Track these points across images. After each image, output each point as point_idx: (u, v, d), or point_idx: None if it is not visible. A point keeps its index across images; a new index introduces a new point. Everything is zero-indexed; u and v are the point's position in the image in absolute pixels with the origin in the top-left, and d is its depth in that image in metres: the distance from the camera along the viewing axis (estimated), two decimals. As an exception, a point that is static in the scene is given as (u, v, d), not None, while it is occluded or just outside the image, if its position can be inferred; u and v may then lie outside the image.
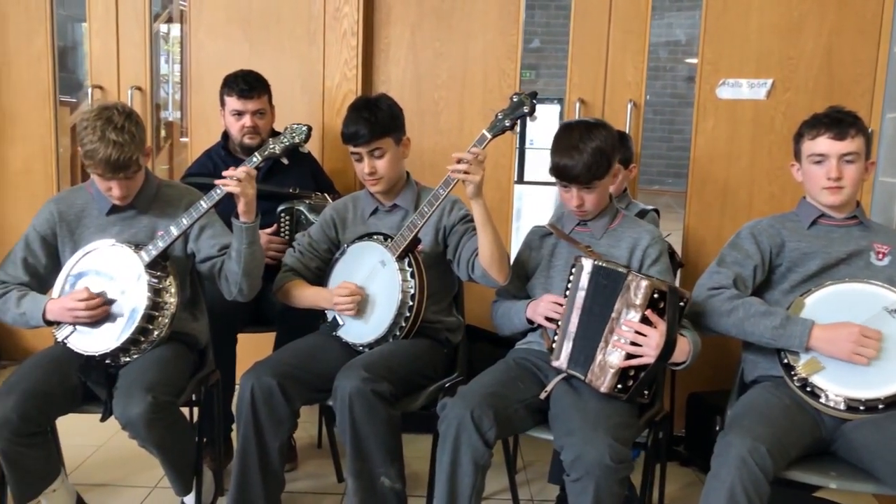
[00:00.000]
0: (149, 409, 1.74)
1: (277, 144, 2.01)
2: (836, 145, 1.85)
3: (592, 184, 1.93)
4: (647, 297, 1.71)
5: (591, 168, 1.89)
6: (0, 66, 3.39)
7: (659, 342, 1.70)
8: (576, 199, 1.95)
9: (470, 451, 1.71)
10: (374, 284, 2.07)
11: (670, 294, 1.71)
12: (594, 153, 1.90)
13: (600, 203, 1.99)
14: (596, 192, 1.95)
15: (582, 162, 1.88)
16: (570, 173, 1.90)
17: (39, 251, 2.02)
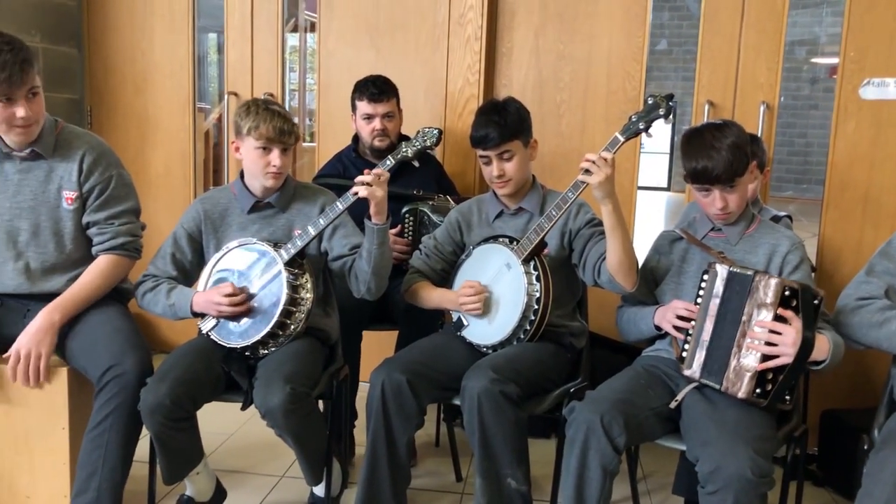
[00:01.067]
0: (287, 399, 1.81)
1: (410, 147, 2.05)
2: None
3: (734, 181, 1.86)
4: (777, 294, 1.66)
5: (732, 165, 1.83)
6: (146, 76, 3.64)
7: (795, 339, 1.63)
8: (718, 200, 1.88)
9: (598, 456, 1.69)
10: (500, 287, 2.08)
11: (802, 292, 1.64)
12: (731, 149, 1.84)
13: (742, 203, 1.92)
14: (738, 192, 1.88)
15: (721, 160, 1.83)
16: (710, 174, 1.85)
17: (186, 247, 2.16)
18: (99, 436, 1.88)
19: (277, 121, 2.05)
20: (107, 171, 2.07)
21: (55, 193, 2.04)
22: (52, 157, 2.04)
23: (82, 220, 2.07)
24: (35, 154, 2.02)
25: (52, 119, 2.06)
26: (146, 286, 2.11)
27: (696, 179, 1.89)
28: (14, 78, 1.84)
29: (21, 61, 1.85)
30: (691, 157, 1.89)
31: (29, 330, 1.94)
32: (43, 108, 1.98)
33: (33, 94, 1.92)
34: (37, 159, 2.03)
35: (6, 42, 1.86)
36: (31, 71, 1.88)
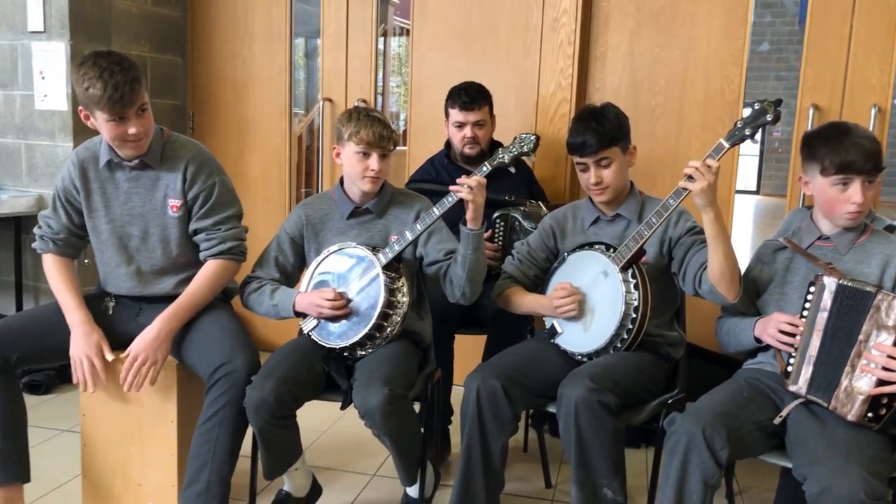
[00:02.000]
0: (386, 400, 1.85)
1: (507, 154, 2.06)
2: None
3: (875, 174, 1.80)
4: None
5: (875, 155, 1.78)
6: (246, 83, 3.79)
7: None
8: (860, 194, 1.80)
9: (700, 470, 1.66)
10: (596, 294, 2.07)
11: (933, 317, 1.55)
12: (874, 141, 1.79)
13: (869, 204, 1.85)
14: (873, 189, 1.81)
15: (867, 148, 1.78)
16: (857, 164, 1.78)
17: (289, 251, 2.23)
18: (209, 430, 1.97)
19: (377, 127, 2.10)
20: (209, 178, 2.15)
21: (161, 201, 2.14)
22: (159, 166, 2.13)
23: (189, 228, 2.17)
24: (143, 164, 2.12)
25: (158, 128, 2.15)
26: (251, 287, 2.19)
27: (843, 169, 1.80)
28: (126, 98, 1.93)
29: (131, 80, 1.93)
30: (833, 149, 1.81)
31: (146, 336, 2.04)
32: (151, 122, 2.07)
33: (142, 111, 2.00)
34: (145, 169, 2.13)
35: (117, 62, 1.95)
36: (140, 89, 1.97)
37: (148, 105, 2.03)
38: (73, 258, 2.23)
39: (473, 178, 1.99)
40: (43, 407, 3.05)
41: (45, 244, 2.19)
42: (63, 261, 2.19)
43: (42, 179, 3.54)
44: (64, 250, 2.20)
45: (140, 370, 2.02)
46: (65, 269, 2.18)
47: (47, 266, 2.19)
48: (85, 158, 2.14)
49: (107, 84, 1.91)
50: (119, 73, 1.93)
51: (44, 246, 2.19)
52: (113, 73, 1.92)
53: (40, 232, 2.20)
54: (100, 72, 1.92)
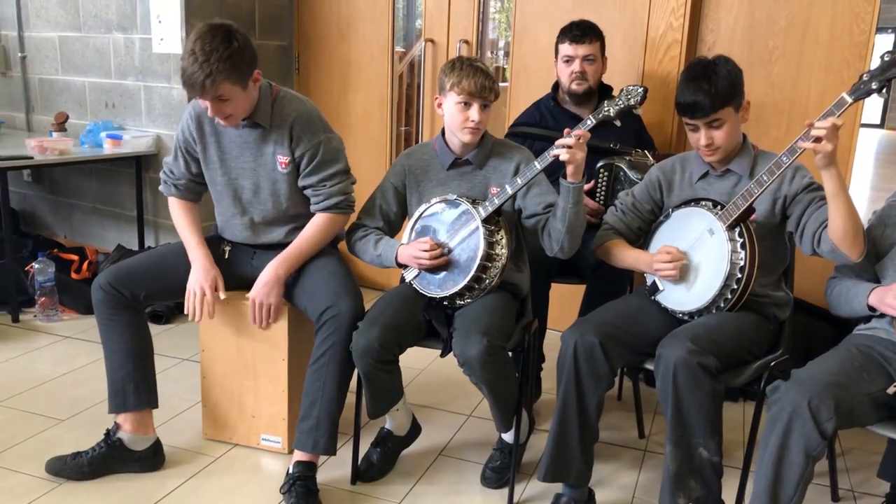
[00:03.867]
0: (484, 351, 1.90)
1: (612, 107, 2.01)
2: None
3: None
4: None
5: None
6: (350, 22, 3.81)
7: None
8: None
9: (802, 440, 1.63)
10: (700, 252, 2.02)
11: None
12: None
13: None
14: None
15: None
16: None
17: (392, 200, 2.28)
18: (318, 369, 2.09)
19: (480, 77, 2.08)
20: (315, 137, 2.21)
21: (271, 157, 2.22)
22: (268, 124, 2.19)
23: (298, 184, 2.25)
24: (253, 122, 2.19)
25: (267, 83, 2.20)
26: (357, 235, 2.26)
27: None
28: (196, 87, 1.98)
29: (210, 72, 1.95)
30: None
31: (259, 282, 2.18)
32: (238, 107, 2.08)
33: (221, 100, 2.03)
34: (255, 127, 2.20)
35: (211, 49, 1.95)
36: (218, 83, 1.97)
37: (231, 96, 2.04)
38: (195, 202, 2.38)
39: (573, 134, 1.95)
40: (164, 336, 3.30)
41: (168, 188, 2.35)
42: (186, 204, 2.35)
43: (160, 120, 3.73)
44: (185, 195, 2.35)
45: (260, 315, 2.19)
46: (188, 211, 2.34)
47: (172, 208, 2.35)
48: (201, 112, 2.22)
49: (186, 69, 1.98)
50: (203, 63, 1.95)
51: (167, 190, 2.36)
52: (196, 60, 1.96)
53: (164, 177, 2.36)
54: (190, 51, 1.97)
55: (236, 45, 2.01)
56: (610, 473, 2.36)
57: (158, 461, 2.25)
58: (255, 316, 2.21)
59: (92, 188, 4.10)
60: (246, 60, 2.05)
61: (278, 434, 2.35)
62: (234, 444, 2.41)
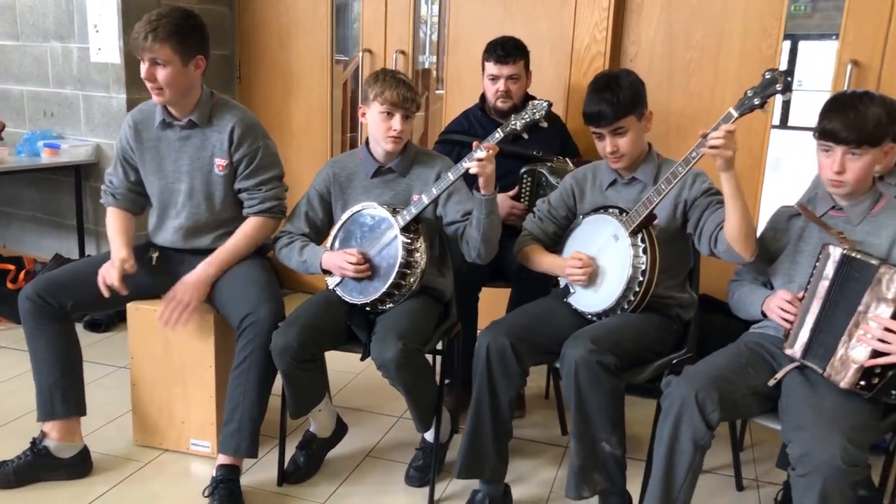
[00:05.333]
0: (399, 354, 1.98)
1: (518, 121, 2.10)
2: None
3: (862, 146, 1.77)
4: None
5: (868, 127, 1.76)
6: (290, 31, 3.87)
7: None
8: (837, 164, 1.80)
9: (690, 431, 1.74)
10: (606, 257, 2.13)
11: (929, 293, 1.57)
12: (876, 116, 1.76)
13: (862, 179, 1.83)
14: (861, 163, 1.79)
15: (860, 120, 1.76)
16: (838, 133, 1.78)
17: (318, 207, 2.35)
18: (240, 375, 2.15)
19: (402, 88, 2.17)
20: (255, 142, 2.30)
21: (208, 160, 2.30)
22: (207, 126, 2.28)
23: (234, 187, 2.33)
24: (192, 123, 2.28)
25: (209, 91, 2.31)
26: (283, 242, 2.33)
27: (824, 135, 1.82)
28: (138, 39, 2.10)
29: (154, 29, 2.09)
30: (824, 113, 1.82)
31: (188, 279, 2.23)
32: (173, 79, 2.15)
33: (158, 64, 2.13)
34: (193, 128, 2.28)
35: (164, 15, 2.13)
36: (158, 42, 2.09)
37: (169, 62, 2.13)
38: (134, 213, 2.44)
39: (484, 147, 2.04)
40: (102, 345, 3.32)
41: (107, 198, 2.43)
42: (121, 213, 2.40)
43: (99, 129, 3.74)
44: (124, 204, 2.41)
45: (177, 309, 2.20)
46: (121, 220, 2.39)
47: (108, 218, 2.41)
48: (139, 120, 2.33)
49: (137, 26, 2.12)
50: (153, 21, 2.11)
51: (107, 199, 2.43)
52: (149, 20, 2.11)
53: (104, 187, 2.43)
54: (148, 14, 2.13)
55: (191, 22, 2.17)
56: (531, 469, 2.45)
57: (86, 468, 2.28)
58: (167, 313, 2.18)
59: (31, 197, 4.09)
60: (194, 38, 2.18)
61: (207, 439, 2.40)
62: (165, 449, 2.45)
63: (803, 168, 2.38)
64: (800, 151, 9.78)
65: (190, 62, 2.17)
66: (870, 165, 1.83)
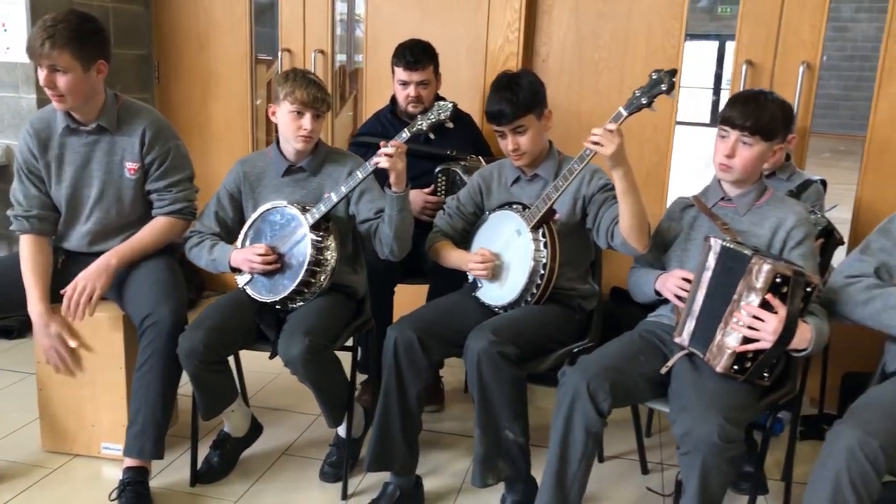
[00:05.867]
0: (306, 350, 2.00)
1: (425, 121, 2.15)
2: None
3: (754, 137, 1.89)
4: (768, 281, 1.69)
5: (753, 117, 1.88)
6: (208, 32, 3.83)
7: (777, 328, 1.68)
8: (729, 148, 1.92)
9: (583, 419, 1.82)
10: (510, 252, 2.19)
11: (795, 280, 1.67)
12: (771, 110, 1.90)
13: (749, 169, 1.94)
14: (750, 152, 1.91)
15: (759, 111, 1.89)
16: (737, 119, 1.90)
17: (228, 206, 2.35)
18: (142, 376, 2.14)
19: (312, 88, 2.19)
20: (165, 144, 2.29)
21: (119, 164, 2.28)
22: (116, 131, 2.26)
23: (144, 188, 2.31)
24: (100, 128, 2.24)
25: (113, 94, 2.27)
26: (193, 241, 2.32)
27: (722, 121, 1.95)
28: (33, 47, 2.05)
29: (51, 36, 2.02)
30: (729, 104, 1.95)
31: (88, 269, 2.18)
32: (74, 86, 2.10)
33: (58, 70, 2.07)
34: (101, 133, 2.25)
35: (61, 20, 2.06)
36: (55, 49, 2.02)
37: (69, 69, 2.07)
38: (50, 234, 2.32)
39: (391, 145, 2.08)
40: (13, 351, 3.24)
41: (20, 224, 2.27)
42: (37, 243, 2.26)
43: (9, 131, 3.63)
44: (41, 227, 2.28)
45: (80, 299, 2.14)
46: (38, 255, 2.24)
47: (21, 248, 2.26)
48: (40, 129, 2.26)
49: (31, 33, 2.06)
50: (49, 27, 2.03)
51: (20, 226, 2.27)
52: (44, 25, 2.04)
53: (13, 212, 2.29)
54: (42, 20, 2.06)
55: (89, 27, 2.11)
56: (446, 461, 2.50)
57: (-11, 477, 2.24)
58: (71, 303, 2.14)
59: (-61, 201, 3.94)
60: (94, 43, 2.12)
61: (119, 442, 2.36)
62: (75, 454, 2.41)
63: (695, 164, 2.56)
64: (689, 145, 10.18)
65: (91, 67, 2.13)
66: (757, 157, 1.93)
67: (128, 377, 2.33)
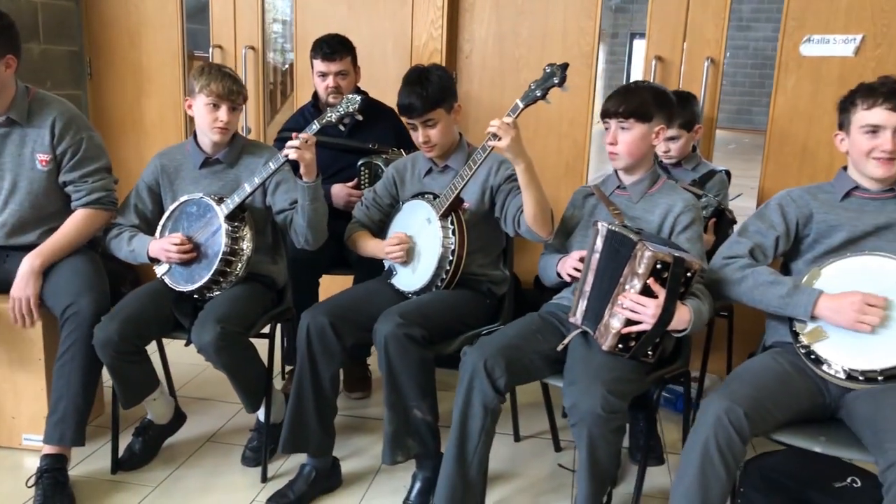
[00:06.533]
0: (218, 337, 2.07)
1: (334, 113, 2.22)
2: (893, 116, 1.82)
3: (629, 121, 2.03)
4: (649, 267, 1.79)
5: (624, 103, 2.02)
6: (140, 29, 3.84)
7: (656, 312, 1.79)
8: (611, 136, 2.06)
9: (481, 395, 1.91)
10: (421, 239, 2.28)
11: (674, 265, 1.79)
12: (640, 94, 2.05)
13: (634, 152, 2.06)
14: (629, 135, 2.04)
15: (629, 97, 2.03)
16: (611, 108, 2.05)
17: (147, 199, 2.40)
18: (63, 366, 2.17)
19: (227, 81, 2.26)
20: (77, 134, 2.31)
21: (30, 156, 2.29)
22: (27, 123, 2.28)
23: (59, 180, 2.33)
24: (10, 121, 2.26)
25: (24, 86, 2.29)
26: (113, 233, 2.36)
27: (602, 115, 2.09)
28: None
29: None
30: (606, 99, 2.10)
31: (16, 283, 2.22)
32: None
33: None
34: (12, 125, 2.27)
35: None
36: None
37: None
38: None
39: (300, 137, 2.15)
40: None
41: None
42: None
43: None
44: None
45: (22, 312, 2.21)
46: None
47: None
48: None
49: None
50: None
51: None
52: None
53: None
54: None
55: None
56: (367, 445, 2.58)
57: None
58: (15, 315, 2.22)
59: None
60: (4, 38, 2.14)
61: (40, 433, 2.39)
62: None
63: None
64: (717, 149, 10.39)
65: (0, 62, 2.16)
66: (639, 139, 2.05)
67: (47, 369, 2.36)
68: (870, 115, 1.83)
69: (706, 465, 1.66)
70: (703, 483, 1.66)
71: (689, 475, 1.68)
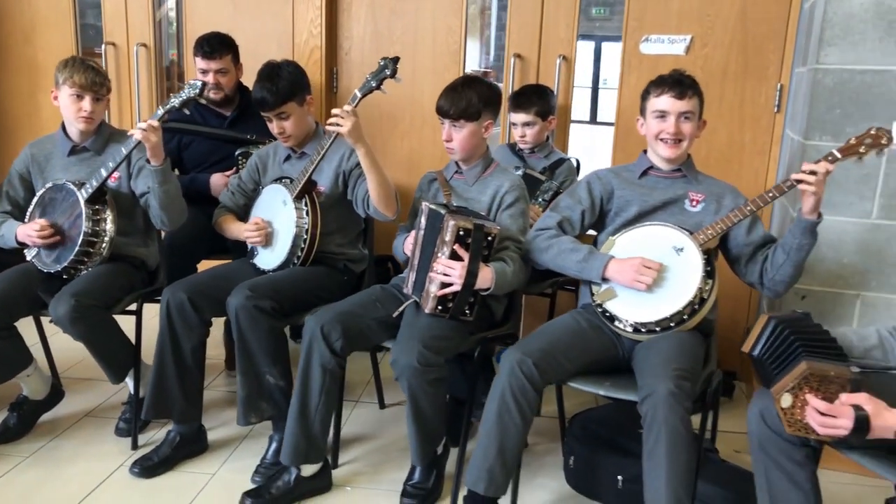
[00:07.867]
0: (71, 309, 2.21)
1: (177, 99, 2.34)
2: (676, 104, 2.09)
3: (460, 122, 2.25)
4: (454, 234, 2.03)
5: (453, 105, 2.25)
6: (34, 26, 3.92)
7: (462, 273, 2.03)
8: (445, 133, 2.29)
9: (319, 357, 2.12)
10: (278, 221, 2.47)
11: (475, 231, 2.03)
12: (468, 96, 2.26)
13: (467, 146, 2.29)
14: (462, 134, 2.26)
15: (458, 99, 2.26)
16: (443, 109, 2.28)
17: (18, 186, 2.53)
18: None
19: (90, 73, 2.41)
20: None
21: None
22: None
23: None
24: None
25: None
26: (-17, 220, 2.49)
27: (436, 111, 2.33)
28: None
29: None
30: (439, 96, 2.32)
31: None
32: None
33: None
34: None
35: None
36: None
37: None
38: None
39: (147, 123, 2.29)
40: None
41: None
42: None
43: None
44: None
45: None
46: None
47: None
48: None
49: None
50: None
51: None
52: None
53: None
54: None
55: None
56: (239, 416, 2.74)
57: None
58: None
59: None
60: None
61: (-85, 411, 2.51)
62: None
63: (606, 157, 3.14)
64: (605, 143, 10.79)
65: None
66: (470, 135, 2.28)
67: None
68: (658, 102, 2.10)
69: (503, 412, 1.90)
70: (501, 427, 1.90)
71: (490, 420, 1.92)
